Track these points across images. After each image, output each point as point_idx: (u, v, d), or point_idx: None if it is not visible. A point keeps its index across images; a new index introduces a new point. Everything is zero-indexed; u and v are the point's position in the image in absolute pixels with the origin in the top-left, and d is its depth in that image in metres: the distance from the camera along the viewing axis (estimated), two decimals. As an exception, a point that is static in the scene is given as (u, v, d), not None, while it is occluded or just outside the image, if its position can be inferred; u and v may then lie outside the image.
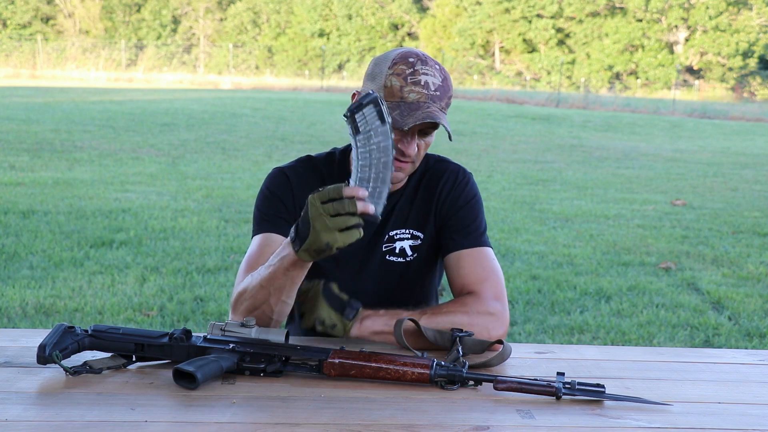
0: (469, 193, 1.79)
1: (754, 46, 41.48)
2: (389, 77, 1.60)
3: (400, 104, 1.58)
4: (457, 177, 1.79)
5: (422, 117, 1.56)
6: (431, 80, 1.60)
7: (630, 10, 43.21)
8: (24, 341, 1.55)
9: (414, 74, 1.59)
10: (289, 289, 1.52)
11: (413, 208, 1.78)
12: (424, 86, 1.59)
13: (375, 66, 1.65)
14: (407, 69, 1.59)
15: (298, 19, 49.79)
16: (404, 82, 1.59)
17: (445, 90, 1.62)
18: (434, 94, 1.60)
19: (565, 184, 9.35)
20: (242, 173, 9.07)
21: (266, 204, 1.76)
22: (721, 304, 4.59)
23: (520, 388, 1.35)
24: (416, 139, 1.64)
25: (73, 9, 48.66)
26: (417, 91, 1.58)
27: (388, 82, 1.60)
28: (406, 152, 1.62)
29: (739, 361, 1.64)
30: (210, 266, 4.91)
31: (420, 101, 1.58)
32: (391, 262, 1.77)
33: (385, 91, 1.60)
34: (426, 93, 1.59)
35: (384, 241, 1.77)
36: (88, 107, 17.41)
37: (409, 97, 1.58)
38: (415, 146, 1.64)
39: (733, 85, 42.25)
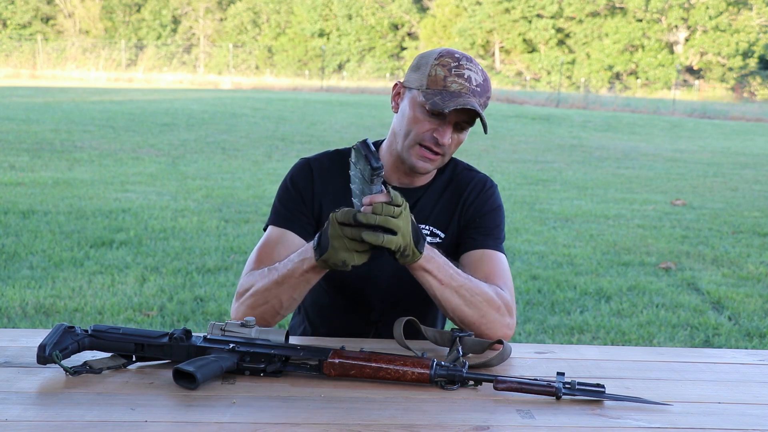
0: (495, 201, 1.83)
1: (754, 46, 41.49)
2: (434, 67, 1.63)
3: (442, 92, 1.61)
4: (484, 185, 1.83)
5: (462, 103, 1.59)
6: (474, 76, 1.63)
7: (630, 10, 43.22)
8: (24, 341, 1.55)
9: (458, 68, 1.63)
10: (302, 288, 1.56)
11: (436, 207, 1.80)
12: (467, 80, 1.62)
13: (421, 59, 1.69)
14: (452, 62, 1.63)
15: (298, 19, 49.81)
16: (448, 72, 1.62)
17: (485, 89, 1.65)
18: (475, 89, 1.63)
19: (565, 184, 9.35)
20: (242, 173, 9.07)
21: (286, 197, 1.78)
22: (721, 304, 4.59)
23: (520, 388, 1.35)
24: (451, 131, 1.65)
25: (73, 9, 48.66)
26: (459, 82, 1.62)
27: (433, 72, 1.63)
28: (440, 140, 1.64)
29: (739, 361, 1.64)
30: (210, 266, 4.91)
31: (461, 91, 1.61)
32: None
33: (428, 80, 1.63)
34: (468, 86, 1.62)
35: None
36: (88, 107, 17.42)
37: (452, 86, 1.61)
38: (449, 136, 1.65)
39: (733, 85, 42.25)
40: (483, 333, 1.61)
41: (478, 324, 1.60)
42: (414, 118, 1.65)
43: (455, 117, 1.63)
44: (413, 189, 1.78)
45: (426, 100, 1.61)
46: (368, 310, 1.80)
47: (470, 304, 1.59)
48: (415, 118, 1.65)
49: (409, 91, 1.67)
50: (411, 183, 1.78)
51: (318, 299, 1.86)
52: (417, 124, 1.65)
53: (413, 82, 1.66)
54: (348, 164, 1.70)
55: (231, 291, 4.41)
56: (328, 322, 1.84)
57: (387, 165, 1.76)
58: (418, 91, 1.64)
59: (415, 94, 1.65)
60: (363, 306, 1.80)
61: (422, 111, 1.64)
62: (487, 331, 1.61)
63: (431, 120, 1.64)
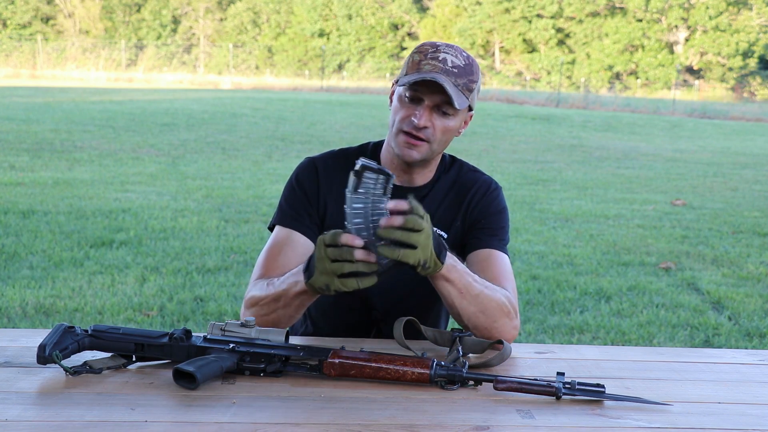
0: (500, 203, 1.83)
1: (754, 46, 41.49)
2: (413, 55, 1.65)
3: (415, 74, 1.62)
4: (489, 186, 1.83)
5: (422, 76, 1.58)
6: (451, 59, 1.63)
7: (630, 10, 43.23)
8: (24, 341, 1.55)
9: (435, 52, 1.63)
10: (297, 308, 1.57)
11: (441, 207, 1.80)
12: (441, 61, 1.62)
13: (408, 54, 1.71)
14: (430, 49, 1.64)
15: (298, 19, 49.81)
16: (423, 57, 1.63)
17: (466, 71, 1.64)
18: (450, 69, 1.62)
19: (565, 184, 9.35)
20: (242, 173, 9.07)
21: (291, 196, 1.78)
22: (721, 304, 4.59)
23: (520, 388, 1.35)
24: (430, 114, 1.64)
25: (73, 9, 48.66)
26: (432, 64, 1.61)
27: (410, 59, 1.65)
28: (417, 123, 1.62)
29: (739, 361, 1.64)
30: (210, 266, 4.91)
31: (432, 71, 1.61)
32: None
33: (407, 69, 1.64)
34: (441, 66, 1.61)
35: None
36: (88, 107, 17.41)
37: (424, 68, 1.62)
38: (426, 118, 1.63)
39: (733, 85, 42.26)
40: (492, 336, 1.61)
41: (489, 329, 1.61)
42: (396, 108, 1.68)
43: (431, 98, 1.62)
44: (415, 188, 1.78)
45: (399, 83, 1.65)
46: (370, 308, 1.80)
47: (485, 311, 1.60)
48: (396, 108, 1.67)
49: (396, 86, 1.70)
50: (411, 181, 1.78)
51: (320, 297, 1.86)
52: (398, 113, 1.67)
53: (399, 76, 1.70)
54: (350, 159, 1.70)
55: (231, 291, 4.41)
56: (330, 320, 1.84)
57: (387, 164, 1.77)
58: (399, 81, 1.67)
59: (397, 86, 1.68)
60: (365, 305, 1.80)
61: (401, 99, 1.66)
62: (496, 335, 1.61)
63: (410, 106, 1.64)
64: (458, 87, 1.62)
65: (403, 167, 1.74)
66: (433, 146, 1.68)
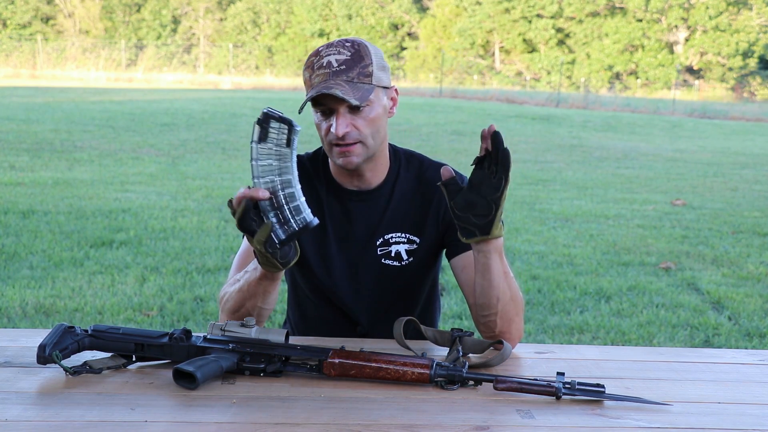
0: None
1: (754, 46, 41.48)
2: (304, 73, 1.63)
3: (311, 90, 1.59)
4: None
5: (310, 94, 1.57)
6: (335, 58, 1.59)
7: (630, 10, 43.21)
8: (24, 341, 1.55)
9: (319, 59, 1.60)
10: (263, 296, 1.57)
11: (409, 212, 1.76)
12: (326, 66, 1.58)
13: None
14: (314, 58, 1.61)
15: (298, 19, 49.79)
16: (312, 70, 1.61)
17: (356, 61, 1.59)
18: (338, 69, 1.58)
19: (565, 184, 9.35)
20: (242, 173, 9.07)
21: None
22: (721, 304, 4.59)
23: (520, 388, 1.35)
24: (344, 118, 1.60)
25: (73, 9, 48.66)
26: (320, 73, 1.59)
27: (305, 77, 1.63)
28: (336, 134, 1.60)
29: (739, 361, 1.64)
30: (210, 266, 4.91)
31: (321, 82, 1.58)
32: (386, 266, 1.75)
33: (306, 87, 1.62)
34: (328, 71, 1.58)
35: (379, 245, 1.75)
36: (88, 107, 17.41)
37: (315, 81, 1.59)
38: (344, 125, 1.60)
39: (733, 85, 42.24)
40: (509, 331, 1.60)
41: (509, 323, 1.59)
42: (317, 125, 1.65)
43: (337, 104, 1.59)
44: (372, 190, 1.75)
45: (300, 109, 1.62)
46: (355, 323, 1.79)
47: (515, 300, 1.59)
48: (317, 125, 1.65)
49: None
50: (367, 183, 1.75)
51: (305, 311, 1.85)
52: (320, 129, 1.65)
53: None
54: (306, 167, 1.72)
55: (231, 291, 4.41)
56: (315, 333, 1.82)
57: (337, 174, 1.76)
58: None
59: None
60: (349, 319, 1.79)
61: (316, 116, 1.64)
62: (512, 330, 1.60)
63: (325, 119, 1.62)
64: (353, 81, 1.58)
65: (351, 173, 1.72)
66: (367, 142, 1.65)
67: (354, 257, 1.75)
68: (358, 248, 1.75)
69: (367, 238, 1.75)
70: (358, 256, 1.75)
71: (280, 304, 4.23)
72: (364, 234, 1.75)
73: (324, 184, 1.77)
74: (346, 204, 1.75)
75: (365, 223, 1.75)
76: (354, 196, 1.75)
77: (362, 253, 1.75)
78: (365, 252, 1.75)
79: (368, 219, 1.75)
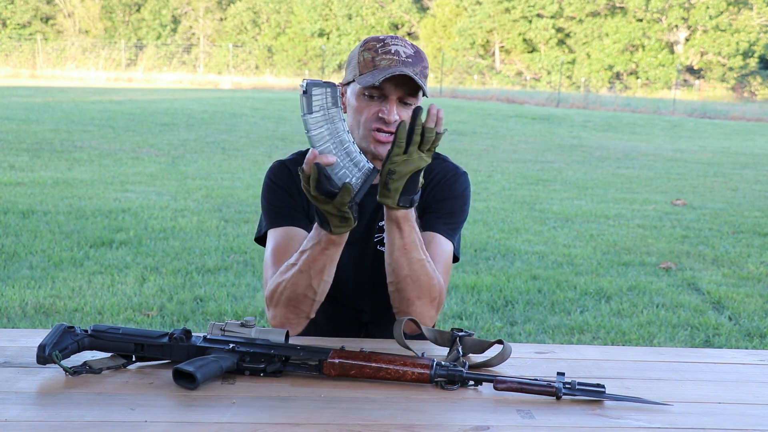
0: (458, 188, 1.79)
1: (755, 46, 41.47)
2: (361, 54, 1.65)
3: (373, 71, 1.61)
4: (447, 173, 1.80)
5: (392, 71, 1.59)
6: (402, 50, 1.64)
7: (630, 10, 43.21)
8: (24, 341, 1.55)
9: (384, 46, 1.64)
10: (329, 267, 1.59)
11: None
12: (395, 54, 1.62)
13: (350, 54, 1.70)
14: (377, 43, 1.64)
15: (298, 18, 49.79)
16: (375, 53, 1.63)
17: (419, 59, 1.64)
18: (406, 60, 1.62)
19: (565, 184, 9.35)
20: (242, 173, 9.07)
21: (275, 196, 1.77)
22: (721, 304, 4.59)
23: (520, 388, 1.35)
24: (396, 106, 1.64)
25: (73, 9, 48.65)
26: (388, 58, 1.62)
27: (361, 58, 1.64)
28: (387, 118, 1.63)
29: (739, 361, 1.64)
30: (210, 266, 4.91)
31: (391, 65, 1.61)
32: (381, 253, 1.76)
33: (359, 67, 1.64)
34: (397, 59, 1.62)
35: (375, 231, 1.78)
36: (88, 107, 17.41)
37: (381, 63, 1.62)
38: (395, 113, 1.63)
39: (734, 85, 42.24)
40: (408, 312, 1.61)
41: (409, 303, 1.61)
42: (358, 107, 1.66)
43: (395, 92, 1.63)
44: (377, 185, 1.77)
45: (360, 83, 1.63)
46: (358, 311, 1.80)
47: (416, 281, 1.59)
48: (359, 107, 1.66)
49: (348, 86, 1.69)
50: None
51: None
52: (362, 112, 1.66)
53: (349, 76, 1.68)
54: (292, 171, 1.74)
55: (231, 291, 4.41)
56: (317, 322, 1.83)
57: None
58: (354, 82, 1.65)
59: (352, 85, 1.67)
60: (353, 307, 1.79)
61: (362, 97, 1.65)
62: (411, 314, 1.61)
63: (374, 103, 1.64)
64: (417, 75, 1.62)
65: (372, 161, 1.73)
66: None
67: (355, 246, 1.76)
68: (359, 237, 1.76)
69: (368, 227, 1.78)
70: (358, 245, 1.76)
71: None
72: (366, 223, 1.77)
73: None
74: None
75: (369, 215, 1.77)
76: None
77: (362, 241, 1.77)
78: (365, 241, 1.77)
79: (371, 209, 1.77)
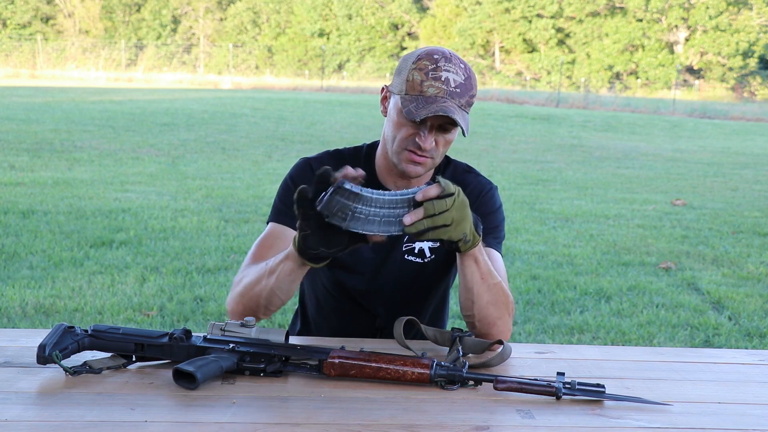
0: (495, 203, 1.82)
1: (754, 46, 41.49)
2: (412, 71, 1.61)
3: (418, 98, 1.59)
4: (484, 189, 1.82)
5: (434, 110, 1.56)
6: (452, 77, 1.60)
7: (630, 10, 43.22)
8: (24, 341, 1.55)
9: (436, 70, 1.59)
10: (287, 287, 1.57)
11: None
12: (444, 82, 1.59)
13: (403, 61, 1.67)
14: (430, 65, 1.60)
15: (298, 19, 49.80)
16: (425, 76, 1.59)
17: (467, 88, 1.62)
18: (454, 91, 1.59)
19: (565, 184, 9.35)
20: (242, 173, 9.07)
21: (286, 194, 1.76)
22: (721, 304, 4.59)
23: (520, 388, 1.35)
24: (433, 134, 1.63)
25: (73, 9, 48.66)
26: (436, 86, 1.58)
27: (410, 77, 1.61)
28: (422, 146, 1.62)
29: (739, 361, 1.64)
30: (210, 266, 4.91)
31: (437, 96, 1.58)
32: (409, 262, 1.78)
33: (407, 86, 1.61)
34: (445, 89, 1.58)
35: (405, 241, 1.78)
36: (88, 107, 17.41)
37: (428, 91, 1.59)
38: (432, 140, 1.62)
39: (733, 85, 42.25)
40: (490, 333, 1.61)
41: (492, 324, 1.60)
42: (397, 124, 1.64)
43: (435, 120, 1.61)
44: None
45: (403, 106, 1.60)
46: (373, 316, 1.80)
47: (496, 303, 1.60)
48: (398, 124, 1.64)
49: (393, 96, 1.67)
50: (408, 185, 1.77)
51: (322, 302, 1.86)
52: (400, 129, 1.64)
53: (395, 86, 1.65)
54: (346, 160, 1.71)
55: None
56: (331, 325, 1.84)
57: (382, 168, 1.77)
58: (399, 96, 1.63)
59: (396, 99, 1.64)
60: (368, 311, 1.80)
61: (402, 116, 1.62)
62: (495, 332, 1.61)
63: (413, 125, 1.62)
64: (462, 107, 1.60)
65: (401, 174, 1.72)
66: (436, 160, 1.69)
67: (382, 254, 1.77)
68: (389, 247, 1.77)
69: (398, 237, 1.77)
70: (385, 252, 1.77)
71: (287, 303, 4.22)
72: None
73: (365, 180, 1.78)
74: None
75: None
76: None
77: (389, 248, 1.77)
78: (392, 248, 1.78)
79: None
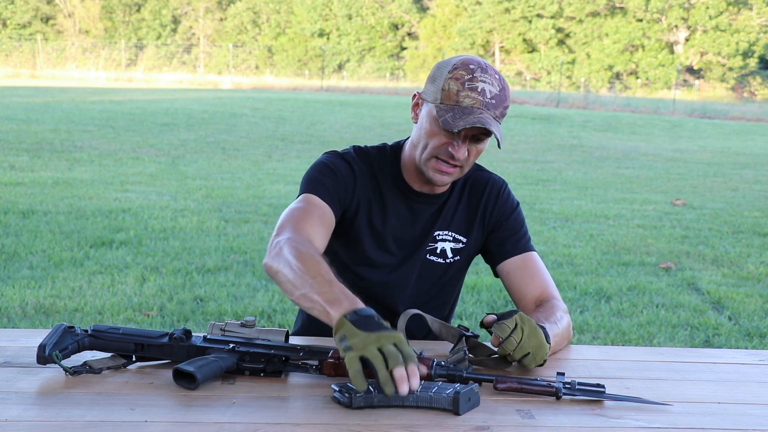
0: (513, 201, 1.87)
1: (754, 46, 41.49)
2: (448, 81, 1.60)
3: (454, 108, 1.59)
4: (500, 185, 1.85)
5: (472, 121, 1.56)
6: (488, 88, 1.59)
7: (630, 10, 43.22)
8: (24, 341, 1.55)
9: (472, 80, 1.59)
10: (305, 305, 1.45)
11: (458, 212, 1.81)
12: (480, 93, 1.58)
13: (437, 69, 1.66)
14: (466, 75, 1.60)
15: (298, 19, 49.80)
16: (461, 86, 1.59)
17: (502, 99, 1.62)
18: (489, 102, 1.59)
19: (565, 184, 9.35)
20: (242, 173, 9.07)
21: (323, 172, 1.71)
22: (721, 304, 4.58)
23: (520, 388, 1.35)
24: (467, 144, 1.63)
25: (73, 9, 48.66)
26: (472, 96, 1.58)
27: (446, 86, 1.60)
28: (455, 155, 1.62)
29: (739, 361, 1.64)
30: (210, 266, 4.91)
31: (474, 107, 1.58)
32: (431, 262, 1.80)
33: (442, 95, 1.60)
34: (481, 99, 1.58)
35: (428, 241, 1.79)
36: (88, 107, 17.41)
37: (464, 101, 1.59)
38: (465, 150, 1.63)
39: (733, 85, 42.25)
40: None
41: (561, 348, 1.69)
42: (430, 132, 1.64)
43: (470, 131, 1.61)
44: (435, 195, 1.79)
45: (438, 116, 1.59)
46: (393, 316, 1.79)
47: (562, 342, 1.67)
48: (430, 132, 1.64)
49: (426, 103, 1.66)
50: (432, 190, 1.78)
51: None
52: (432, 138, 1.64)
53: (429, 94, 1.64)
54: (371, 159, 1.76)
55: (231, 291, 4.41)
56: None
57: (408, 172, 1.77)
58: (433, 104, 1.62)
59: (430, 107, 1.63)
60: (388, 312, 1.78)
61: (437, 125, 1.62)
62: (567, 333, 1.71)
63: (446, 134, 1.62)
64: (496, 118, 1.61)
65: (427, 181, 1.72)
66: (465, 169, 1.70)
67: (404, 250, 1.78)
68: (413, 246, 1.78)
69: (422, 237, 1.79)
70: (407, 251, 1.79)
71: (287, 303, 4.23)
72: (420, 233, 1.79)
73: (390, 179, 1.78)
74: (411, 204, 1.78)
75: (424, 223, 1.79)
76: (421, 198, 1.77)
77: (412, 246, 1.79)
78: (415, 247, 1.79)
79: (427, 219, 1.79)
